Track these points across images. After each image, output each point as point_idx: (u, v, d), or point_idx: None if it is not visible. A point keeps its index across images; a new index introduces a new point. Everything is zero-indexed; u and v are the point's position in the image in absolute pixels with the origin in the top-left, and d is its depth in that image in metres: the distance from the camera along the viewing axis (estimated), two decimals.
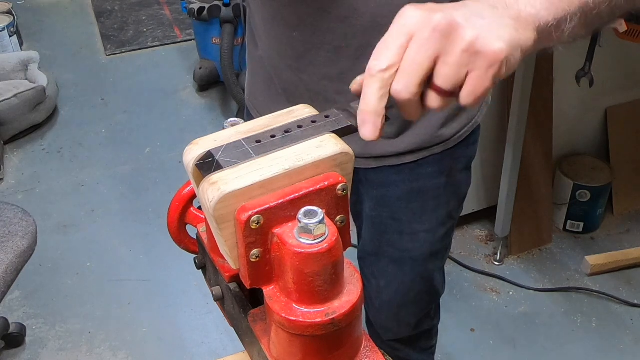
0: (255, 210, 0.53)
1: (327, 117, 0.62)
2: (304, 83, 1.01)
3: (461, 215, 1.27)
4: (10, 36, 3.37)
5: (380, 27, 0.90)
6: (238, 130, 0.61)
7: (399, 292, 1.25)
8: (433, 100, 0.60)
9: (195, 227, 0.72)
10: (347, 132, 0.61)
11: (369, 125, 0.58)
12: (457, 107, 1.01)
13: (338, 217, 0.57)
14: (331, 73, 0.98)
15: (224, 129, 0.62)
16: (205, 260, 0.72)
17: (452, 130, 1.08)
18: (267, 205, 0.54)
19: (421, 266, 1.22)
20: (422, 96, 0.60)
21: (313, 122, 0.61)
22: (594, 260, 2.24)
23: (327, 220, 0.54)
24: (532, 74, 1.95)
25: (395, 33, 0.58)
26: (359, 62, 0.91)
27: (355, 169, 0.59)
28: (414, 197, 1.12)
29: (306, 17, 0.73)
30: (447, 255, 1.29)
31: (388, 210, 1.15)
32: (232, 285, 0.67)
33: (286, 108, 0.64)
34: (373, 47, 0.90)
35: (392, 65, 0.58)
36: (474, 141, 1.15)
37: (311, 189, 0.55)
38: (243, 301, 0.66)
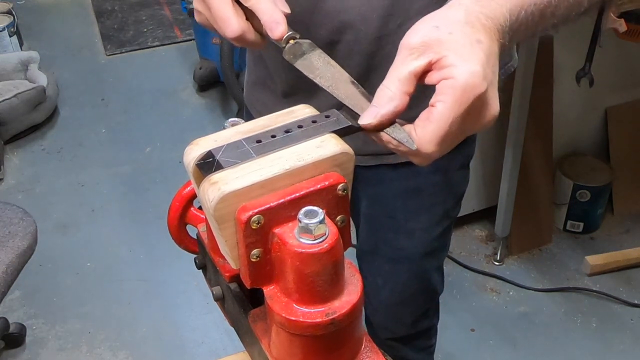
0: (256, 210, 0.53)
1: (327, 117, 0.62)
2: (300, 78, 1.01)
3: (461, 215, 1.27)
4: (10, 36, 3.36)
5: (367, 21, 0.91)
6: (238, 130, 0.61)
7: (395, 291, 1.25)
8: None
9: (196, 227, 0.72)
10: (348, 131, 0.61)
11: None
12: None
13: (338, 217, 0.57)
14: None
15: (224, 129, 0.62)
16: (205, 260, 0.72)
17: None
18: (268, 205, 0.54)
19: (417, 265, 1.21)
20: None
21: (313, 122, 0.61)
22: (594, 260, 2.23)
23: (327, 220, 0.54)
24: (532, 74, 1.95)
25: (456, 114, 0.60)
26: (351, 58, 0.93)
27: None
28: (410, 195, 1.12)
29: (299, 11, 0.74)
30: (444, 254, 1.28)
31: (383, 208, 1.15)
32: (233, 285, 0.67)
33: (283, 105, 0.64)
34: (361, 43, 0.90)
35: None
36: (472, 139, 1.14)
37: (311, 189, 0.55)
38: (243, 301, 0.66)
